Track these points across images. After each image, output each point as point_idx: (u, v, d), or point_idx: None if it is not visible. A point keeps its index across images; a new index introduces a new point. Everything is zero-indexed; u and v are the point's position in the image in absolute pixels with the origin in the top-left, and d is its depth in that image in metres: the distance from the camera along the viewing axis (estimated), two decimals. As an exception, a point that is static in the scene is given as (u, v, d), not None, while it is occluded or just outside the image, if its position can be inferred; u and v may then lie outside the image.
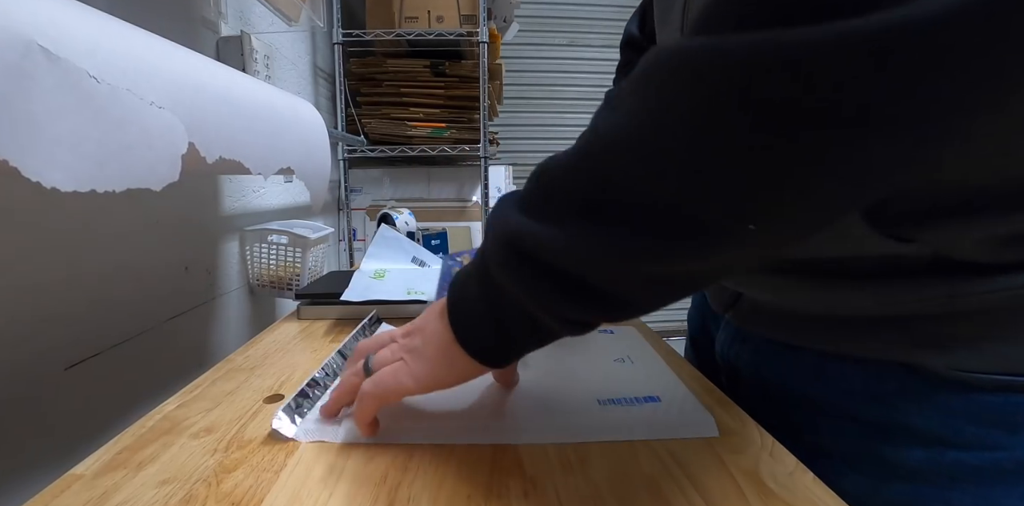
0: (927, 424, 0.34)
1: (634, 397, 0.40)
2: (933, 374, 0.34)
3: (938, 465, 0.34)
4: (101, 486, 0.31)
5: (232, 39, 0.91)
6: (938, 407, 0.34)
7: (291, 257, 0.96)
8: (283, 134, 0.59)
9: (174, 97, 0.39)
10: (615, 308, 0.27)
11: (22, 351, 0.51)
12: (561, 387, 0.42)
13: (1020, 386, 0.32)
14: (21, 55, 0.27)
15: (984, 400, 0.33)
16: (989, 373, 0.33)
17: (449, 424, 0.37)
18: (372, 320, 0.57)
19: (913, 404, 0.35)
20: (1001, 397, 0.33)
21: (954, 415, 0.34)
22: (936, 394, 0.34)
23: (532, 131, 2.58)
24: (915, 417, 0.35)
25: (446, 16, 1.53)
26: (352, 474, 0.32)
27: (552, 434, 0.36)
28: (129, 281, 0.66)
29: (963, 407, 0.33)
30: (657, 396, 0.41)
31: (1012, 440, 0.33)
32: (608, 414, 0.38)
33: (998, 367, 0.32)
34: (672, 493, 0.29)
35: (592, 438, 0.35)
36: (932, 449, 0.34)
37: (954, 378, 0.33)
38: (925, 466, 0.35)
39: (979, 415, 0.33)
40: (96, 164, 0.32)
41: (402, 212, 0.97)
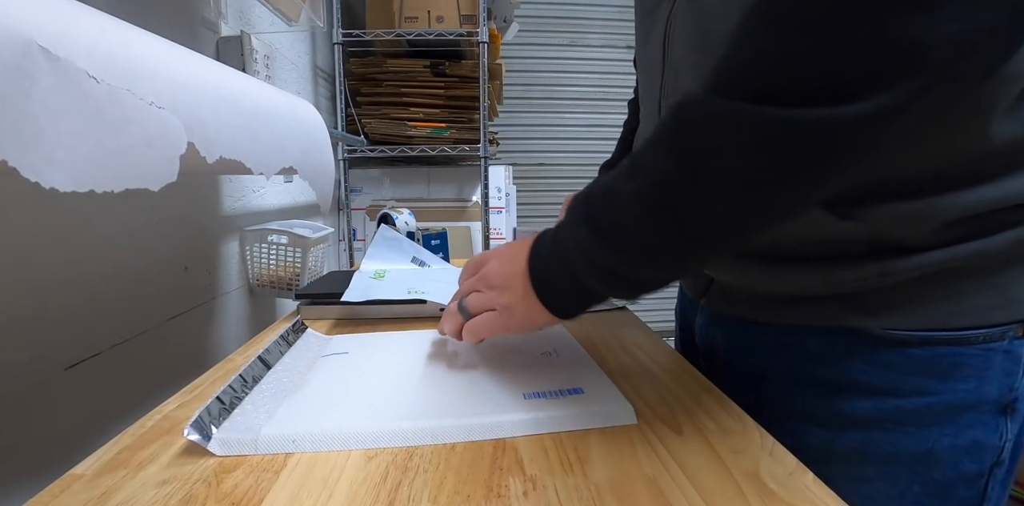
0: (871, 378, 0.40)
1: (558, 390, 0.41)
2: (872, 335, 0.39)
3: (883, 413, 0.40)
4: (101, 486, 0.31)
5: (232, 39, 0.91)
6: (878, 363, 0.40)
7: (291, 257, 0.96)
8: (284, 134, 0.59)
9: (174, 97, 0.39)
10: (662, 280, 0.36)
11: (22, 351, 0.51)
12: (487, 383, 0.43)
13: (941, 339, 0.38)
14: (21, 55, 0.27)
15: (915, 353, 0.39)
16: (916, 330, 0.38)
17: (375, 428, 0.36)
18: (296, 326, 0.56)
19: (859, 362, 0.40)
20: (928, 350, 0.38)
21: (892, 368, 0.39)
22: (876, 352, 0.40)
23: (532, 131, 2.58)
24: (861, 373, 0.40)
25: (446, 16, 1.53)
26: (352, 474, 0.32)
27: (477, 432, 0.36)
28: (129, 281, 0.66)
29: (898, 361, 0.39)
30: (580, 388, 0.41)
31: (941, 386, 0.38)
32: (532, 408, 0.38)
33: (923, 325, 0.38)
34: (672, 493, 0.29)
35: (517, 433, 0.36)
36: (877, 399, 0.40)
37: (888, 337, 0.39)
38: (873, 415, 0.40)
39: (912, 367, 0.39)
40: (95, 164, 0.32)
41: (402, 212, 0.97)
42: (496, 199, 1.79)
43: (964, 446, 0.39)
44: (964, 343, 0.38)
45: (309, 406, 0.39)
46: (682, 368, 0.48)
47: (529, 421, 0.37)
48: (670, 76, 0.45)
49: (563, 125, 2.57)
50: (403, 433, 0.36)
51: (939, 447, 0.39)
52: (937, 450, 0.39)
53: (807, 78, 0.27)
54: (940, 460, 0.39)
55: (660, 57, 0.46)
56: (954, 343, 0.38)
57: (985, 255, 0.36)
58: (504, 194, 1.86)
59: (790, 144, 0.28)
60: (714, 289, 0.50)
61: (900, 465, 0.40)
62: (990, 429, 0.39)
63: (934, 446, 0.39)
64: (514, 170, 2.11)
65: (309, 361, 0.49)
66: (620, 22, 2.54)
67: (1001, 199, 0.35)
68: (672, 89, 0.45)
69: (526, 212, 2.53)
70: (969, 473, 0.40)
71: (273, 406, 0.39)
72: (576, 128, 2.57)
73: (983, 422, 0.39)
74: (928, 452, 0.39)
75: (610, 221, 0.34)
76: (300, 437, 0.35)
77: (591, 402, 0.39)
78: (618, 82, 2.55)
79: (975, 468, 0.40)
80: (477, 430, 0.36)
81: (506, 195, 1.88)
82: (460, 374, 0.45)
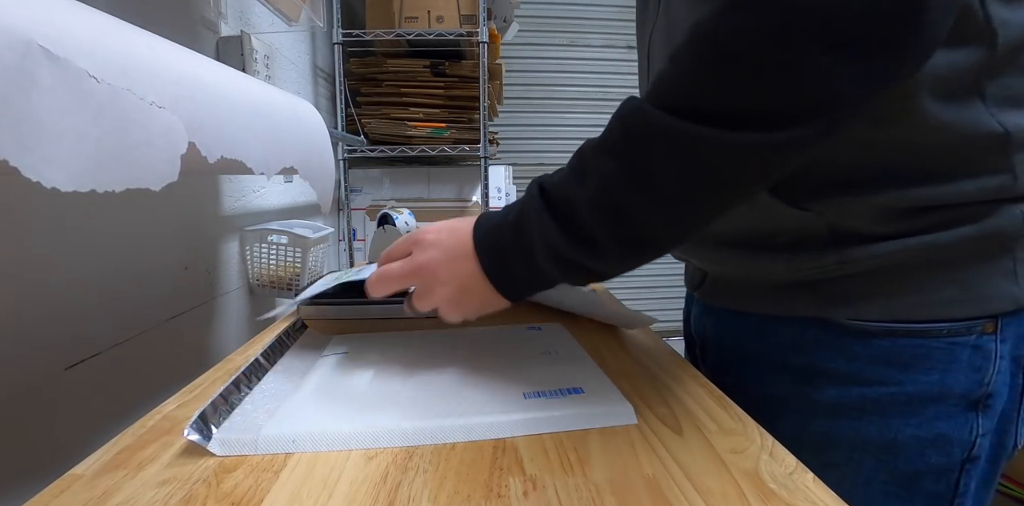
0: (837, 367, 0.41)
1: (558, 389, 0.41)
2: (838, 325, 0.41)
3: (848, 400, 0.41)
4: (101, 486, 0.31)
5: (232, 39, 0.91)
6: (844, 352, 0.41)
7: (291, 257, 0.96)
8: (284, 134, 0.59)
9: (174, 97, 0.39)
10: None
11: (22, 351, 0.51)
12: (487, 383, 0.43)
13: (904, 331, 0.39)
14: (21, 55, 0.27)
15: (878, 344, 0.40)
16: (879, 321, 0.40)
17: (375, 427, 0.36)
18: (296, 326, 0.56)
19: (826, 351, 0.42)
20: (890, 341, 0.40)
21: (857, 358, 0.41)
22: (842, 341, 0.41)
23: (532, 131, 2.58)
24: (828, 362, 0.42)
25: (446, 16, 1.53)
26: (352, 474, 0.32)
27: (477, 432, 0.36)
28: (129, 281, 0.66)
29: (863, 351, 0.40)
30: (580, 388, 0.41)
31: (903, 376, 0.40)
32: (532, 408, 0.38)
33: (885, 316, 0.40)
34: (672, 493, 0.29)
35: (517, 433, 0.36)
36: (842, 388, 0.41)
37: (854, 327, 0.41)
38: (839, 402, 0.42)
39: (875, 356, 0.40)
40: (95, 164, 0.32)
41: (402, 212, 0.97)
42: (496, 199, 1.80)
43: (929, 438, 0.40)
44: (927, 335, 0.39)
45: (309, 406, 0.39)
46: (682, 368, 0.48)
47: (529, 421, 0.37)
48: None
49: (563, 125, 2.57)
50: (403, 433, 0.36)
51: (902, 437, 0.40)
52: (900, 440, 0.40)
53: (735, 104, 0.30)
54: (904, 450, 0.40)
55: (645, 65, 0.50)
56: (916, 335, 0.39)
57: (940, 248, 0.38)
58: (504, 194, 1.87)
59: (714, 160, 0.31)
60: (707, 282, 0.53)
61: (865, 453, 0.41)
62: (958, 423, 0.40)
63: (897, 436, 0.40)
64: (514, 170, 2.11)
65: (309, 361, 0.49)
66: (620, 22, 2.55)
67: (953, 195, 0.37)
68: None
69: (526, 212, 2.53)
70: (936, 466, 0.40)
71: (273, 406, 0.39)
72: (576, 128, 2.57)
73: (949, 415, 0.40)
74: (892, 441, 0.40)
75: (569, 216, 0.35)
76: (300, 437, 0.35)
77: (591, 402, 0.39)
78: (618, 82, 2.56)
79: (942, 461, 0.40)
80: (477, 430, 0.36)
81: (506, 195, 1.89)
82: (460, 374, 0.45)
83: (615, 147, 0.34)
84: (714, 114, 0.30)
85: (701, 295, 0.55)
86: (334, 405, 0.39)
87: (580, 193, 0.35)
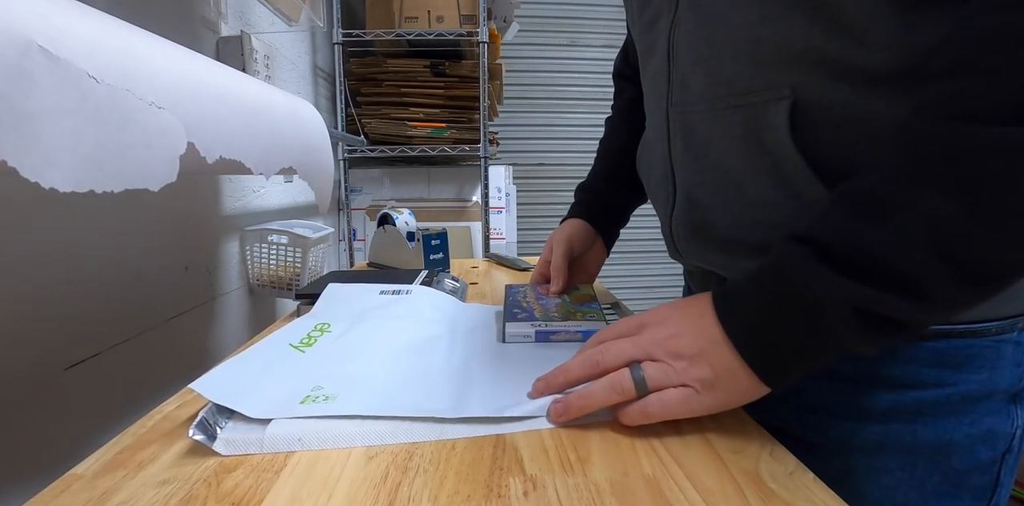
0: (891, 372, 0.41)
1: None
2: None
3: (903, 405, 0.40)
4: (101, 486, 0.31)
5: (232, 39, 0.91)
6: (898, 357, 0.40)
7: (291, 257, 0.96)
8: (284, 134, 0.59)
9: (174, 97, 0.39)
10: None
11: (22, 351, 0.51)
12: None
13: (958, 332, 0.39)
14: (21, 55, 0.27)
15: (931, 347, 0.40)
16: (934, 324, 0.39)
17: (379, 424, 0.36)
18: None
19: (879, 357, 0.41)
20: (944, 343, 0.39)
21: (911, 362, 0.40)
22: (895, 346, 0.40)
23: (532, 131, 2.58)
24: (881, 367, 0.41)
25: (446, 16, 1.53)
26: (352, 474, 0.32)
27: (482, 428, 0.36)
28: (129, 281, 0.66)
29: (917, 354, 0.40)
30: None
31: (956, 377, 0.40)
32: (536, 403, 0.39)
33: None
34: (672, 493, 0.29)
35: (521, 428, 0.37)
36: (897, 392, 0.41)
37: None
38: (893, 407, 0.41)
39: (930, 359, 0.40)
40: (94, 164, 0.32)
41: (402, 212, 0.97)
42: (496, 199, 1.80)
43: (979, 435, 0.40)
44: (977, 335, 0.39)
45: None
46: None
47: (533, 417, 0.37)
48: (677, 86, 0.45)
49: (563, 125, 2.57)
50: (408, 429, 0.36)
51: (957, 437, 0.40)
52: (955, 440, 0.40)
53: None
54: (958, 449, 0.40)
55: (665, 67, 0.46)
56: (968, 335, 0.39)
57: None
58: (504, 194, 1.87)
59: None
60: None
61: (920, 455, 0.41)
62: (1003, 417, 0.41)
63: (952, 436, 0.40)
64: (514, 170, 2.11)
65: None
66: (620, 22, 2.53)
67: None
68: (680, 98, 0.45)
69: (526, 212, 2.53)
70: (984, 461, 0.41)
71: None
72: (576, 128, 2.57)
73: (996, 411, 0.41)
74: (947, 442, 0.40)
75: (870, 269, 0.30)
76: (306, 435, 0.35)
77: None
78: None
79: (990, 455, 0.41)
80: (482, 425, 0.36)
81: (506, 195, 1.89)
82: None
83: (923, 176, 0.29)
84: None
85: None
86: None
87: (886, 238, 0.29)
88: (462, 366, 0.46)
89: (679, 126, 0.46)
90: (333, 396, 0.39)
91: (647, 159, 0.55)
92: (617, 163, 0.69)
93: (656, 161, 0.51)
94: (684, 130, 0.45)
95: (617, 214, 0.70)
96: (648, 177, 0.56)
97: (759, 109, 0.39)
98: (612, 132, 0.73)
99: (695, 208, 0.46)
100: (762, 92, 0.39)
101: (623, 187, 0.68)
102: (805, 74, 0.37)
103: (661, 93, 0.47)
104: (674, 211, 0.49)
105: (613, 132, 0.73)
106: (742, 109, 0.40)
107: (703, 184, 0.45)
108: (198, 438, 0.34)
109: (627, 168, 0.65)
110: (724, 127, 0.41)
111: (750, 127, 0.39)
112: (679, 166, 0.47)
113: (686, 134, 0.45)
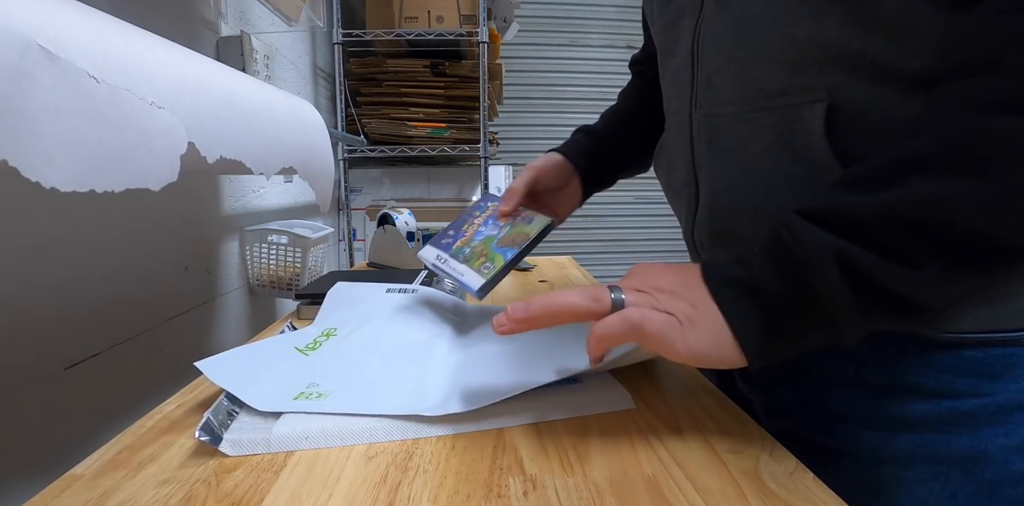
0: (925, 381, 0.39)
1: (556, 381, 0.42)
2: (926, 337, 0.38)
3: (938, 415, 0.39)
4: (101, 486, 0.31)
5: (232, 39, 0.91)
6: (932, 365, 0.39)
7: (291, 257, 0.96)
8: (284, 134, 0.59)
9: (174, 97, 0.39)
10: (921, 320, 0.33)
11: (22, 351, 0.51)
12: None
13: (997, 341, 0.38)
14: (21, 55, 0.27)
15: (969, 355, 0.38)
16: (972, 332, 0.38)
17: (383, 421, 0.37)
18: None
19: (911, 365, 0.39)
20: (981, 351, 0.38)
21: (946, 370, 0.39)
22: (929, 354, 0.39)
23: (532, 131, 2.58)
24: (914, 376, 0.39)
25: (446, 16, 1.54)
26: (352, 474, 0.32)
27: (485, 422, 0.37)
28: (129, 281, 0.66)
29: (953, 363, 0.38)
30: (578, 379, 0.43)
31: (994, 387, 0.38)
32: (532, 398, 0.39)
33: (978, 327, 0.38)
34: (672, 493, 0.29)
35: (519, 422, 0.37)
36: (931, 402, 0.39)
37: (943, 339, 0.38)
38: (927, 417, 0.39)
39: (966, 368, 0.38)
40: (95, 164, 0.32)
41: (402, 212, 0.97)
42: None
43: (1015, 445, 0.39)
44: (1017, 344, 0.38)
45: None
46: (680, 367, 0.48)
47: (530, 410, 0.38)
48: (702, 87, 0.44)
49: (563, 125, 2.57)
50: (410, 426, 0.36)
51: (992, 447, 0.39)
52: (990, 450, 0.39)
53: None
54: (992, 460, 0.39)
55: (689, 67, 0.45)
56: (1009, 344, 0.38)
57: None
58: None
59: None
60: None
61: (953, 466, 0.39)
62: None
63: (987, 446, 0.39)
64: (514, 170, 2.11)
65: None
66: (620, 22, 2.55)
67: None
68: (706, 99, 0.44)
69: (526, 212, 2.53)
70: (1019, 471, 0.40)
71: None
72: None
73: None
74: (981, 453, 0.39)
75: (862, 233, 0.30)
76: (312, 433, 0.35)
77: (589, 390, 0.41)
78: (618, 82, 2.54)
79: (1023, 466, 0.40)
80: (484, 420, 0.37)
81: (506, 195, 1.88)
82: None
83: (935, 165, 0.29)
84: None
85: None
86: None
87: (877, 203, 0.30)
88: (460, 364, 0.46)
89: (704, 129, 0.44)
90: (326, 394, 0.39)
91: (667, 163, 0.53)
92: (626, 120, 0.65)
93: (677, 165, 0.49)
94: (709, 133, 0.44)
95: (608, 161, 0.64)
96: (668, 181, 0.54)
97: (793, 112, 0.38)
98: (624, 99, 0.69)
99: (720, 214, 0.45)
100: (796, 94, 0.38)
101: (622, 140, 0.64)
102: (841, 76, 0.36)
103: (684, 95, 0.46)
104: (697, 216, 0.47)
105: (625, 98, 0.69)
106: (774, 112, 0.39)
107: (729, 189, 0.43)
108: (204, 439, 0.34)
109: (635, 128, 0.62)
110: (754, 130, 0.40)
111: (783, 130, 0.38)
112: (703, 170, 0.45)
113: (711, 137, 0.44)
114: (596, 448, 0.34)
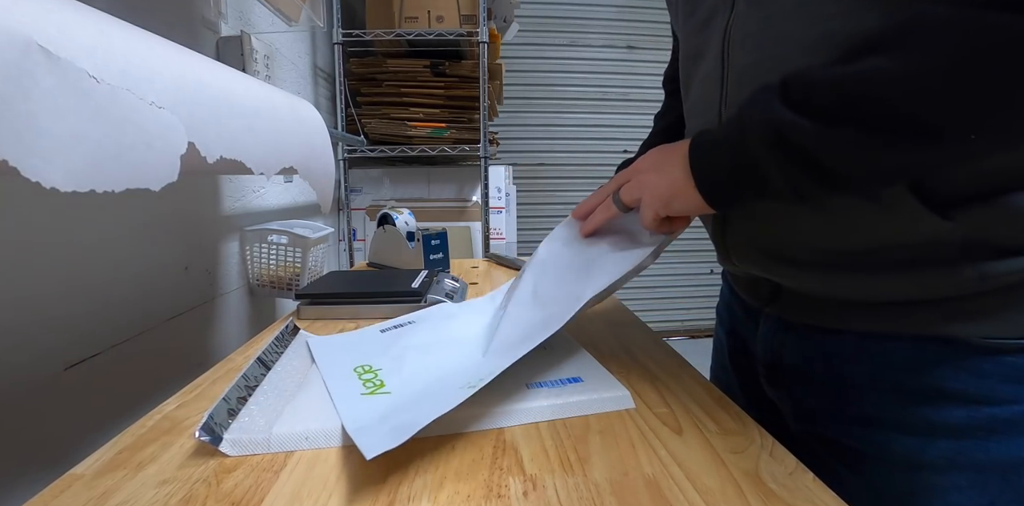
0: (964, 387, 0.39)
1: (559, 379, 0.43)
2: (965, 343, 0.38)
3: (976, 421, 0.38)
4: (101, 486, 0.31)
5: (232, 39, 0.91)
6: (972, 371, 0.38)
7: (291, 257, 0.96)
8: (284, 134, 0.59)
9: (174, 97, 0.39)
10: (840, 186, 0.34)
11: (22, 351, 0.51)
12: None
13: None
14: (21, 55, 0.27)
15: (1010, 361, 0.37)
16: (1014, 338, 0.37)
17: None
18: (290, 328, 0.56)
19: (949, 370, 0.39)
20: (1022, 357, 0.37)
21: (986, 377, 0.38)
22: (969, 360, 0.38)
23: (532, 131, 2.58)
24: (952, 382, 0.39)
25: (446, 16, 1.53)
26: (352, 474, 0.32)
27: (487, 421, 0.37)
28: (129, 281, 0.66)
29: (993, 369, 0.38)
30: (580, 377, 0.44)
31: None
32: (536, 397, 0.40)
33: (1019, 333, 0.37)
34: (672, 493, 0.29)
35: (523, 421, 0.38)
36: (970, 408, 0.38)
37: (983, 345, 0.38)
38: (965, 423, 0.39)
39: (1007, 375, 0.38)
40: (95, 164, 0.32)
41: (402, 212, 0.97)
42: (496, 199, 1.79)
43: None
44: None
45: (316, 403, 0.40)
46: (681, 368, 0.48)
47: (534, 409, 0.38)
48: (733, 87, 0.43)
49: (563, 125, 2.57)
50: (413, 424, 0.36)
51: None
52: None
53: None
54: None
55: (719, 68, 0.44)
56: None
57: None
58: (504, 194, 1.86)
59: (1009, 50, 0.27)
60: (784, 297, 0.48)
61: (991, 473, 0.39)
62: None
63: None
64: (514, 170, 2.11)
65: (308, 360, 0.49)
66: (620, 22, 2.55)
67: None
68: (735, 98, 0.43)
69: (526, 212, 2.53)
70: None
71: (279, 405, 0.39)
72: (576, 128, 2.57)
73: None
74: (1021, 460, 0.38)
75: (804, 96, 0.33)
76: (313, 434, 0.35)
77: (591, 389, 0.41)
78: (618, 82, 2.56)
79: None
80: (487, 419, 0.37)
81: (506, 195, 1.88)
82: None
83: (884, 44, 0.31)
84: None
85: (776, 310, 0.49)
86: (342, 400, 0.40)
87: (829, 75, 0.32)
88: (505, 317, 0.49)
89: None
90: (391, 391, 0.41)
91: None
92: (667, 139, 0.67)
93: None
94: None
95: None
96: None
97: None
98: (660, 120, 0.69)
99: (753, 218, 0.44)
100: None
101: None
102: None
103: (713, 95, 0.45)
104: (727, 220, 0.47)
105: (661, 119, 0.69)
106: None
107: None
108: (204, 439, 0.34)
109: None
110: None
111: None
112: None
113: None
114: (596, 448, 0.34)
